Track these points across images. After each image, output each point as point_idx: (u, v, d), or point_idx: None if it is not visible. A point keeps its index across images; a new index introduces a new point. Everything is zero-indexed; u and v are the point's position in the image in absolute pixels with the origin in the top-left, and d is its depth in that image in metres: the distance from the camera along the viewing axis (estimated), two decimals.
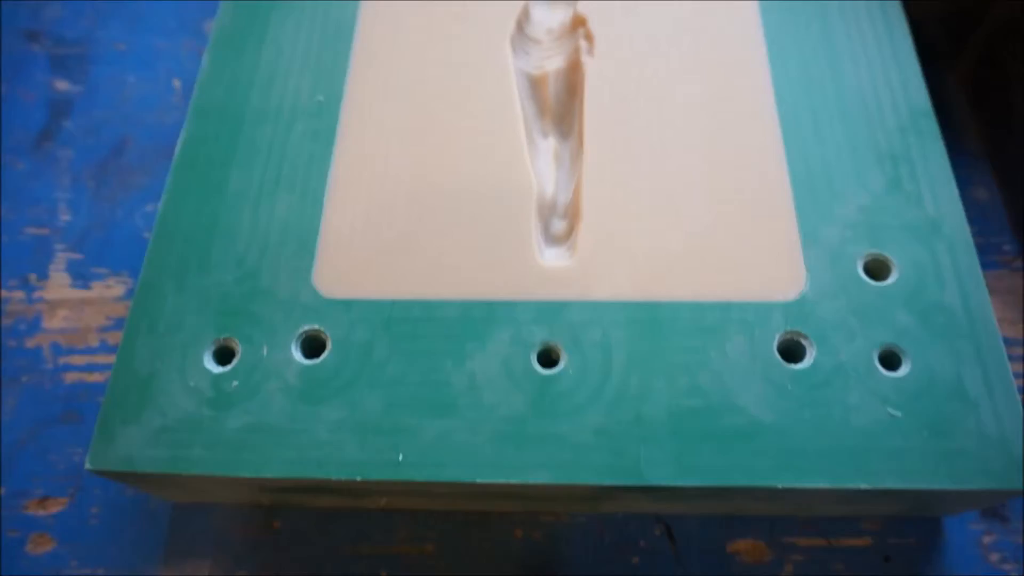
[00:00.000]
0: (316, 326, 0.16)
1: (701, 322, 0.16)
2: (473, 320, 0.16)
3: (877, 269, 0.16)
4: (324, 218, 0.17)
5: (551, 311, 0.16)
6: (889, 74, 0.19)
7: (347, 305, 0.16)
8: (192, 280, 0.17)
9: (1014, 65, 0.21)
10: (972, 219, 0.21)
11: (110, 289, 0.21)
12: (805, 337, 0.16)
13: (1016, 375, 0.19)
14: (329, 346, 0.16)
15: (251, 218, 0.17)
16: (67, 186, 0.23)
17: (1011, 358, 0.19)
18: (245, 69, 0.20)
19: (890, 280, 0.16)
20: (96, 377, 0.20)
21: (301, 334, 0.16)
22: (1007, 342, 0.20)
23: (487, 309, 0.16)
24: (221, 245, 0.17)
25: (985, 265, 0.21)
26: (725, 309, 0.16)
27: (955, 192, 0.17)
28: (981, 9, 0.21)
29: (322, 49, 0.20)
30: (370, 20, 0.20)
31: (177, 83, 0.25)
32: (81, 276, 0.21)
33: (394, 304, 0.16)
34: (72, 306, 0.21)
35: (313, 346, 0.16)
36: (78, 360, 0.20)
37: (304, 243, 0.17)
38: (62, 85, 0.25)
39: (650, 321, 0.16)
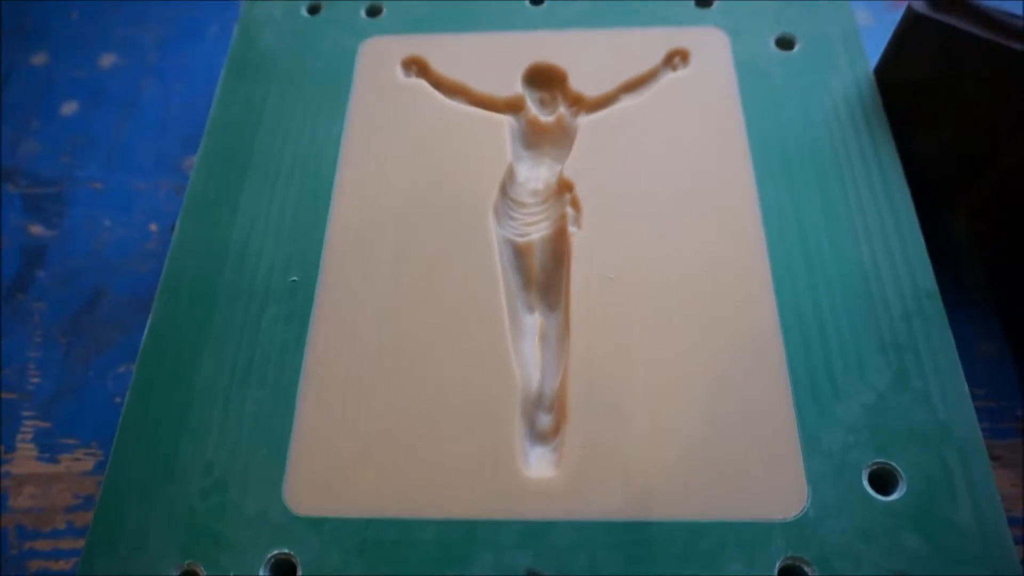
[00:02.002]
0: (286, 550, 0.15)
1: (697, 545, 0.15)
2: (453, 544, 0.15)
3: (884, 481, 0.15)
4: (296, 419, 0.16)
5: (536, 532, 0.15)
6: (892, 251, 0.18)
7: (319, 524, 0.15)
8: (157, 489, 0.16)
9: (1016, 222, 0.20)
10: (980, 379, 0.20)
11: (79, 463, 0.20)
12: (808, 563, 0.14)
13: None
14: (299, 572, 0.15)
15: (221, 415, 0.17)
16: (38, 344, 0.22)
17: None
18: (218, 241, 0.19)
19: (897, 494, 0.15)
20: (61, 565, 0.19)
21: (270, 559, 0.15)
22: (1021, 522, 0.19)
23: (468, 530, 0.15)
24: (189, 447, 0.16)
25: (996, 433, 0.20)
26: (723, 530, 0.15)
27: (964, 388, 0.16)
28: (990, 152, 0.21)
29: (297, 221, 0.19)
30: (347, 190, 0.19)
31: (154, 227, 0.24)
32: (49, 448, 0.20)
33: (369, 523, 0.15)
34: (39, 482, 0.20)
35: (283, 571, 0.15)
36: (43, 545, 0.19)
37: (275, 448, 0.16)
38: (36, 230, 0.24)
39: (642, 544, 0.15)
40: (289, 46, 0.22)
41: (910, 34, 0.19)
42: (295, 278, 0.18)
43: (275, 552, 0.15)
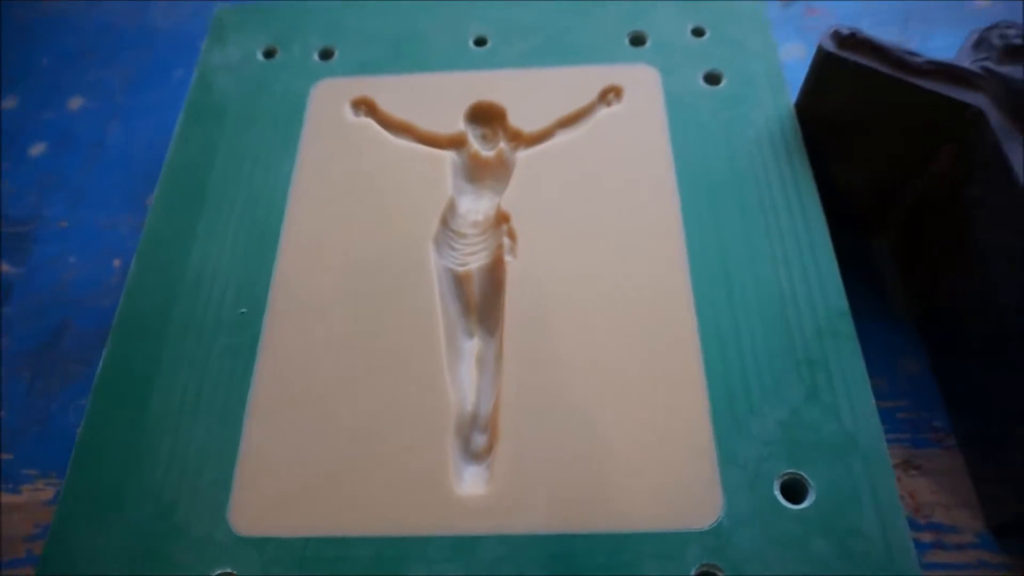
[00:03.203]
0: (229, 569, 0.16)
1: (617, 557, 0.16)
2: (387, 559, 0.16)
3: (794, 490, 0.16)
4: (242, 445, 0.17)
5: (466, 547, 0.16)
6: (808, 273, 0.19)
7: (262, 544, 0.16)
8: (108, 516, 0.17)
9: (935, 240, 0.21)
10: (903, 393, 0.21)
11: (39, 492, 0.21)
12: (721, 570, 0.15)
13: (966, 566, 0.19)
14: None
15: (171, 443, 0.17)
16: (3, 378, 0.23)
17: (945, 547, 0.19)
18: (172, 276, 0.20)
19: (807, 503, 0.16)
20: None
21: None
22: (941, 528, 0.19)
23: (402, 546, 0.16)
24: (139, 475, 0.17)
25: (917, 443, 0.21)
26: (642, 540, 0.16)
27: (871, 401, 0.17)
28: (901, 183, 0.22)
29: (247, 256, 0.20)
30: (295, 225, 0.20)
31: (117, 262, 0.25)
32: (12, 479, 0.21)
33: (308, 542, 0.16)
34: (1, 512, 0.21)
35: None
36: (5, 575, 0.20)
37: (222, 473, 0.17)
38: (3, 268, 0.25)
39: (567, 556, 0.16)
40: (244, 89, 0.23)
41: (822, 71, 0.20)
42: (244, 310, 0.19)
43: (219, 572, 0.16)
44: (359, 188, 0.21)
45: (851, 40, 0.20)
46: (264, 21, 0.25)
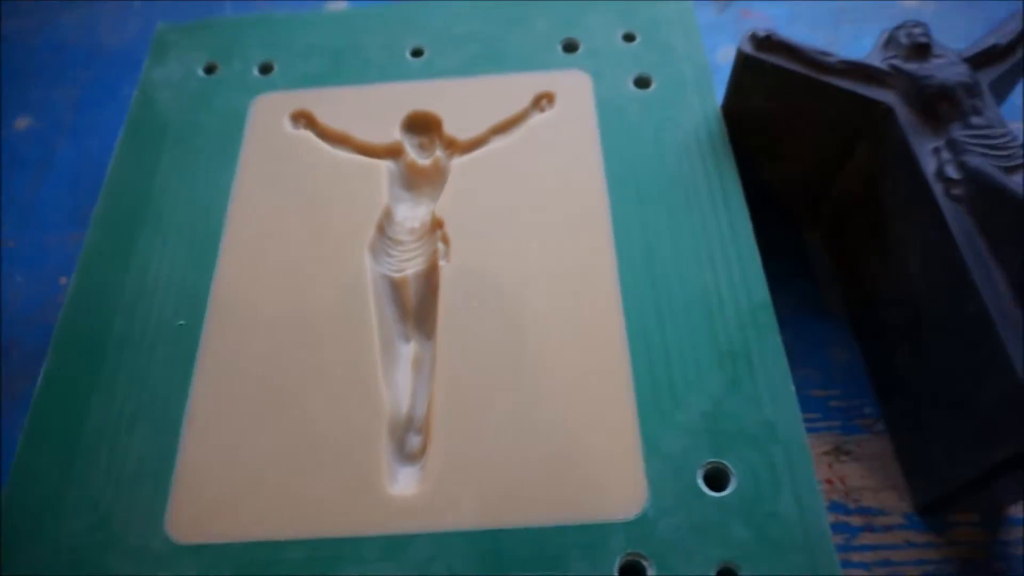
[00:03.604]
0: None
1: (544, 550, 0.16)
2: (321, 561, 0.16)
3: (717, 479, 0.17)
4: (179, 455, 0.18)
5: (398, 546, 0.16)
6: (731, 268, 0.19)
7: (198, 551, 0.16)
8: (46, 528, 0.17)
9: (857, 232, 0.22)
10: (834, 382, 0.22)
11: None
12: (645, 558, 0.16)
13: (894, 546, 0.20)
14: None
15: (108, 455, 0.18)
16: None
17: (874, 529, 0.20)
18: (111, 292, 0.20)
19: (729, 490, 0.17)
20: None
21: None
22: (870, 512, 0.20)
23: (336, 548, 0.16)
24: (76, 488, 0.17)
25: (848, 430, 0.21)
26: (568, 533, 0.16)
27: (791, 389, 0.18)
28: (825, 179, 0.22)
29: (186, 270, 0.20)
30: (233, 237, 0.21)
31: (63, 280, 0.25)
32: None
33: (245, 547, 0.16)
34: None
35: None
36: None
37: (159, 483, 0.17)
38: None
39: (494, 552, 0.16)
40: (185, 105, 0.24)
41: (743, 73, 0.21)
42: (183, 322, 0.19)
43: None
44: (298, 199, 0.21)
45: (767, 42, 0.20)
46: (205, 38, 0.26)
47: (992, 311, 0.16)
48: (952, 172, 0.18)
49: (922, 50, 0.19)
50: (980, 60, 0.19)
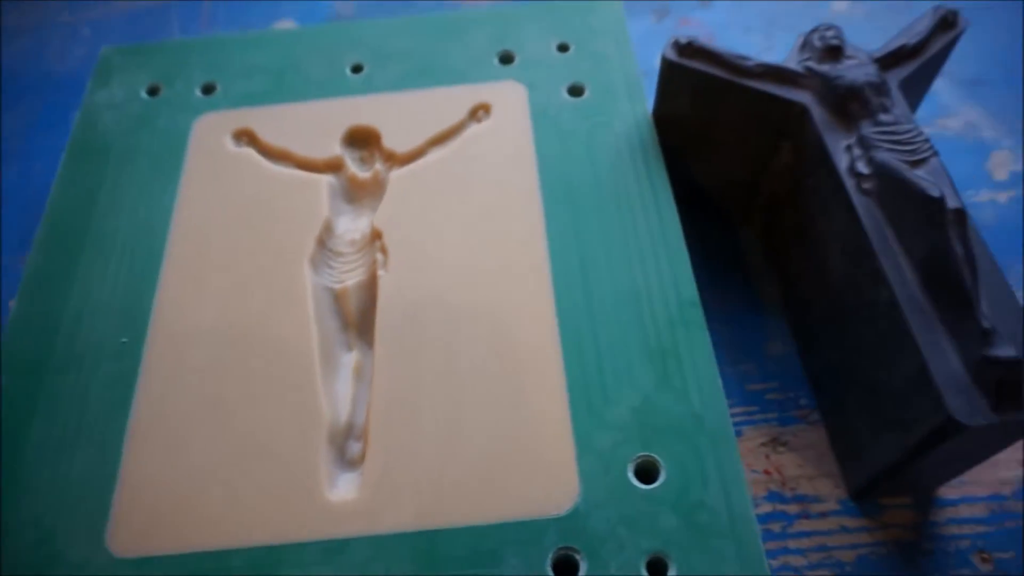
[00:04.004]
0: None
1: (478, 547, 0.16)
2: (261, 566, 0.16)
3: (646, 472, 0.17)
4: (121, 470, 0.18)
5: (336, 550, 0.17)
6: (661, 267, 0.20)
7: (139, 564, 0.17)
8: None
9: (786, 229, 0.23)
10: (771, 374, 0.23)
11: None
12: (577, 552, 0.16)
13: (829, 532, 0.20)
14: None
15: (51, 473, 0.18)
16: None
17: (810, 516, 0.21)
18: (53, 313, 0.20)
19: (658, 482, 0.17)
20: None
21: None
22: (806, 499, 0.21)
23: (276, 554, 0.17)
24: (18, 506, 0.17)
25: (784, 421, 0.22)
26: (503, 530, 0.17)
27: (718, 383, 0.18)
28: (754, 179, 0.23)
29: (128, 289, 0.21)
30: (175, 255, 0.21)
31: (12, 304, 0.25)
32: None
33: (185, 558, 0.17)
34: None
35: None
36: None
37: (101, 499, 0.17)
38: None
39: (430, 552, 0.16)
40: (128, 126, 0.24)
41: (669, 79, 0.22)
42: (125, 340, 0.20)
43: None
44: (239, 215, 0.22)
45: (689, 48, 0.21)
46: (148, 60, 0.26)
47: (899, 297, 0.17)
48: (862, 167, 0.18)
49: (834, 52, 0.20)
50: (889, 60, 0.20)
